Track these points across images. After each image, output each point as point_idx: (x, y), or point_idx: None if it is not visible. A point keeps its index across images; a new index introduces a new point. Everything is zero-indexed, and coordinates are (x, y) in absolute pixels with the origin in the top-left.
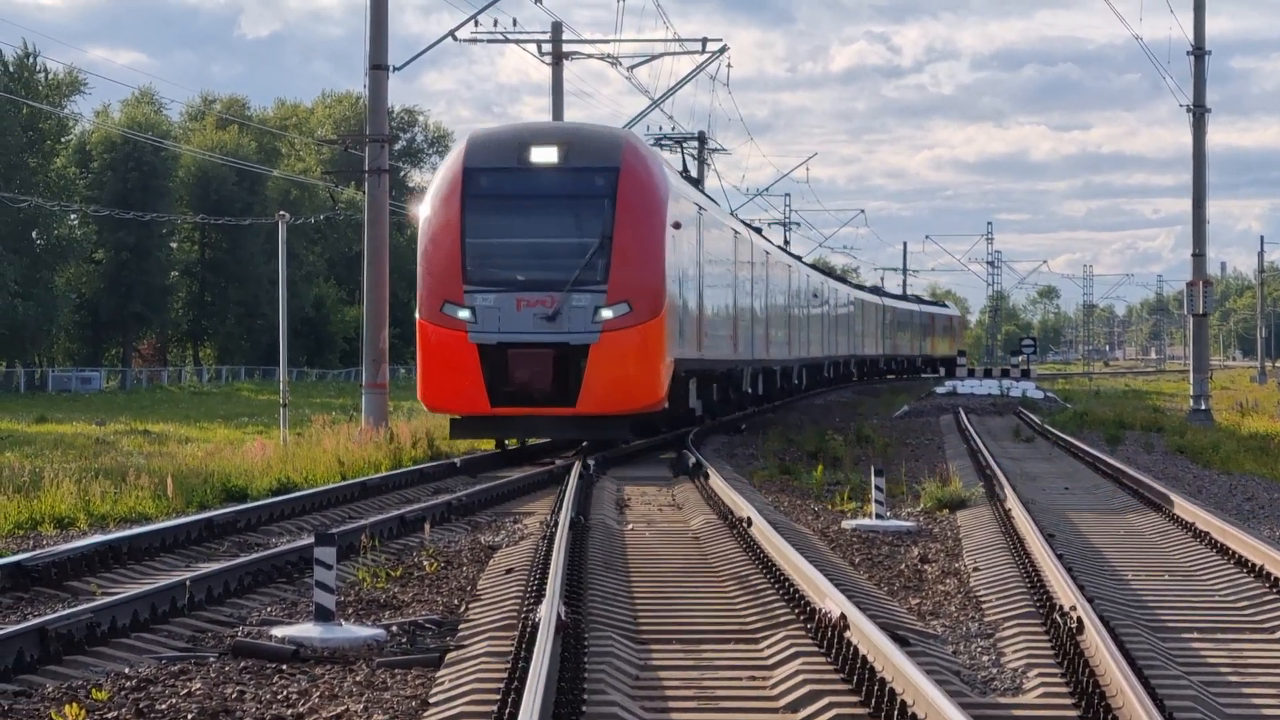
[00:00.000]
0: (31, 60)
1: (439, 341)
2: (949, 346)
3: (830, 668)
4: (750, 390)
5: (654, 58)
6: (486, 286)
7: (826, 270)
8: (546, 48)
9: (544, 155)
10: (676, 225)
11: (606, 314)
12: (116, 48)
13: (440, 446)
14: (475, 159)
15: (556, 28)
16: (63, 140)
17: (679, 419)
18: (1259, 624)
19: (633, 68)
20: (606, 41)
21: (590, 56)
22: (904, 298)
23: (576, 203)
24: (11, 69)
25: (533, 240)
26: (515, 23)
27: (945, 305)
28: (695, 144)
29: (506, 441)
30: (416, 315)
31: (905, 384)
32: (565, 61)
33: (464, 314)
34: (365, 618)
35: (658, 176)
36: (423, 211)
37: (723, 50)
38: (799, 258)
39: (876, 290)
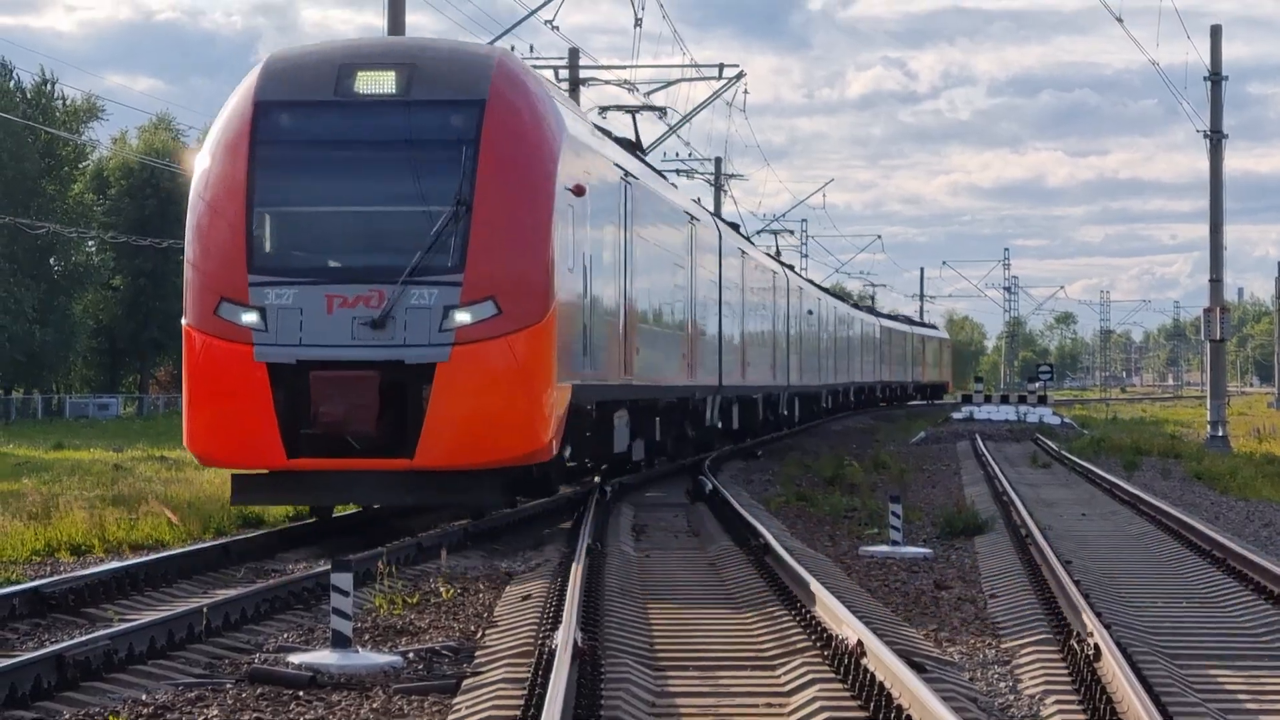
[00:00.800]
0: (49, 87)
1: (211, 359)
2: (938, 373)
3: (847, 694)
4: (721, 424)
5: (671, 84)
6: (283, 277)
7: (829, 290)
8: (564, 74)
9: (375, 83)
10: (578, 191)
11: (461, 318)
12: (134, 74)
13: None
14: (273, 89)
15: (573, 54)
16: (80, 166)
17: (609, 466)
18: (1278, 651)
19: (650, 94)
20: (623, 68)
21: (608, 83)
22: (893, 317)
23: (420, 152)
24: (29, 96)
25: (353, 209)
26: (532, 49)
27: (934, 327)
28: (712, 170)
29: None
30: (183, 320)
31: (905, 411)
32: (582, 87)
33: (248, 318)
34: (382, 644)
35: (546, 116)
36: (197, 166)
37: (739, 76)
38: (790, 267)
39: (870, 309)
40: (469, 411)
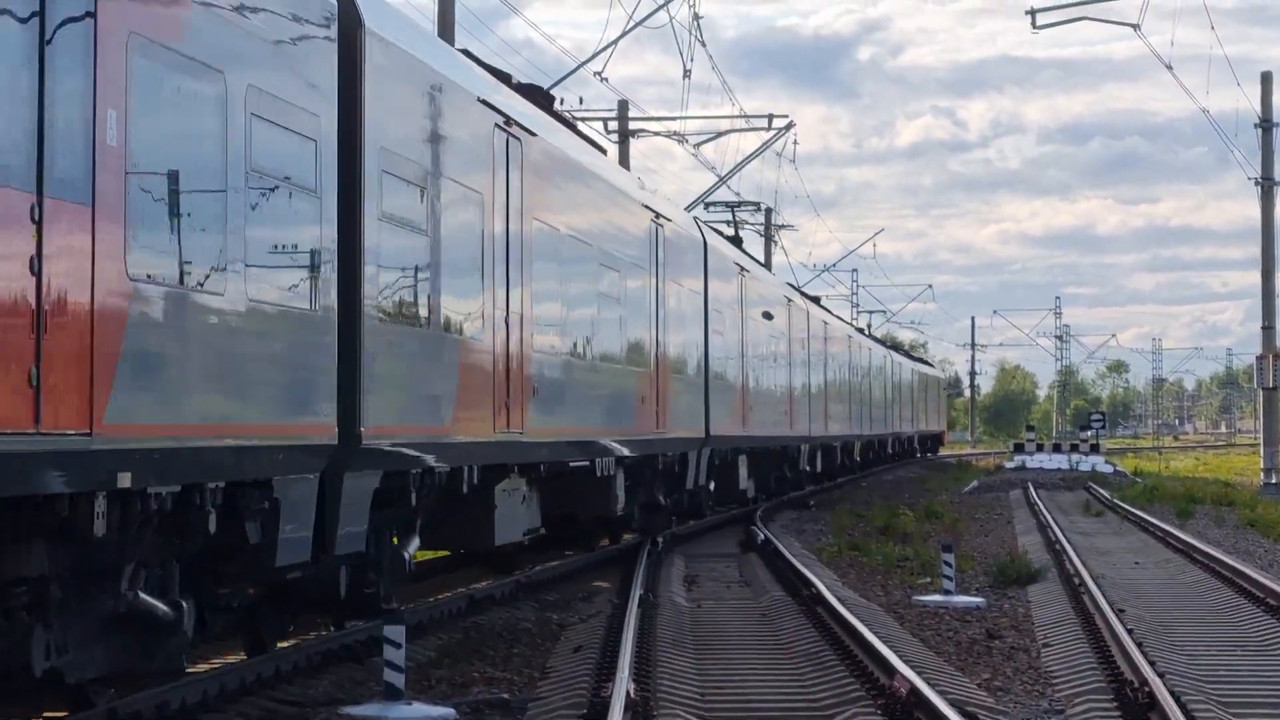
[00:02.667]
0: None
1: None
2: (938, 420)
3: None
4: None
5: (720, 134)
6: None
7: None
8: (613, 125)
9: None
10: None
11: None
12: None
13: None
14: None
15: (623, 105)
16: None
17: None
18: None
19: (699, 144)
20: (673, 119)
21: (657, 134)
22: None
23: None
24: None
25: None
26: (581, 100)
27: (929, 364)
28: (762, 220)
29: None
30: None
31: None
32: (631, 139)
33: None
34: (435, 696)
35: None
36: None
37: (789, 126)
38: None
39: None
40: None
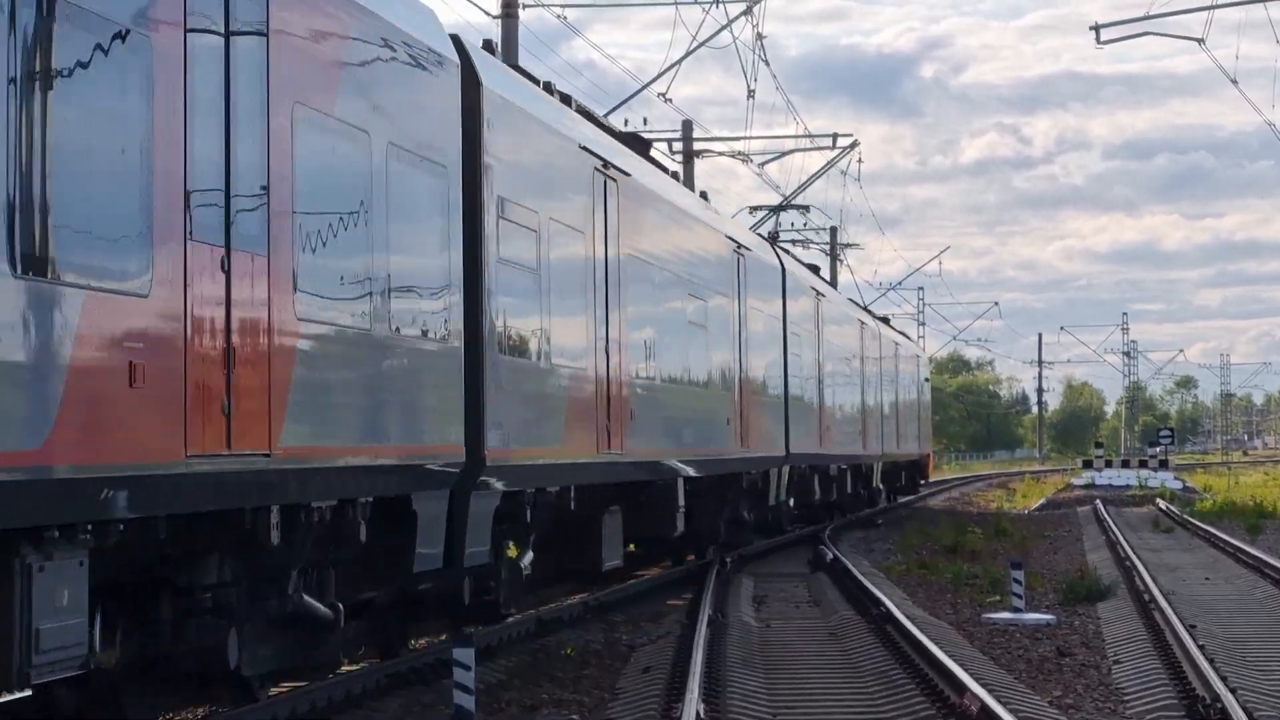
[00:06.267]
0: None
1: None
2: (916, 442)
3: None
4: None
5: (784, 154)
6: None
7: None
8: (678, 146)
9: None
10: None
11: None
12: None
13: None
14: None
15: (687, 125)
16: None
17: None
18: None
19: (763, 164)
20: (737, 139)
21: (721, 154)
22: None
23: None
24: None
25: None
26: (646, 121)
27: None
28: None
29: None
30: None
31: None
32: (696, 159)
33: None
34: (505, 719)
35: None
36: None
37: (854, 145)
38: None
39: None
40: None
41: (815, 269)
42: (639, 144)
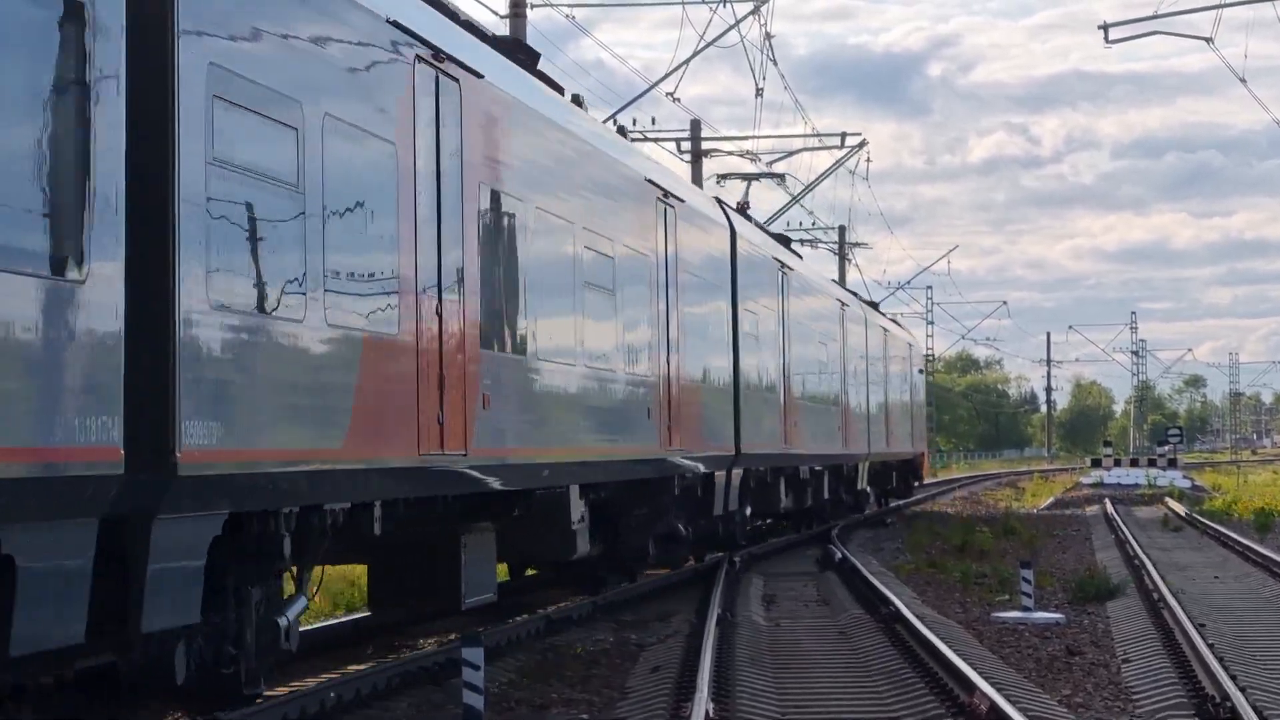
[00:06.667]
0: None
1: None
2: (909, 440)
3: None
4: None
5: (793, 153)
6: None
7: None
8: (686, 145)
9: None
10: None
11: None
12: None
13: None
14: None
15: (695, 125)
16: None
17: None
18: None
19: (772, 163)
20: (745, 138)
21: (729, 153)
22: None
23: None
24: None
25: None
26: (654, 121)
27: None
28: (835, 239)
29: None
30: None
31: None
32: (704, 159)
33: None
34: (514, 718)
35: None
36: None
37: (862, 144)
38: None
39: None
40: None
41: (785, 240)
42: (524, 50)
